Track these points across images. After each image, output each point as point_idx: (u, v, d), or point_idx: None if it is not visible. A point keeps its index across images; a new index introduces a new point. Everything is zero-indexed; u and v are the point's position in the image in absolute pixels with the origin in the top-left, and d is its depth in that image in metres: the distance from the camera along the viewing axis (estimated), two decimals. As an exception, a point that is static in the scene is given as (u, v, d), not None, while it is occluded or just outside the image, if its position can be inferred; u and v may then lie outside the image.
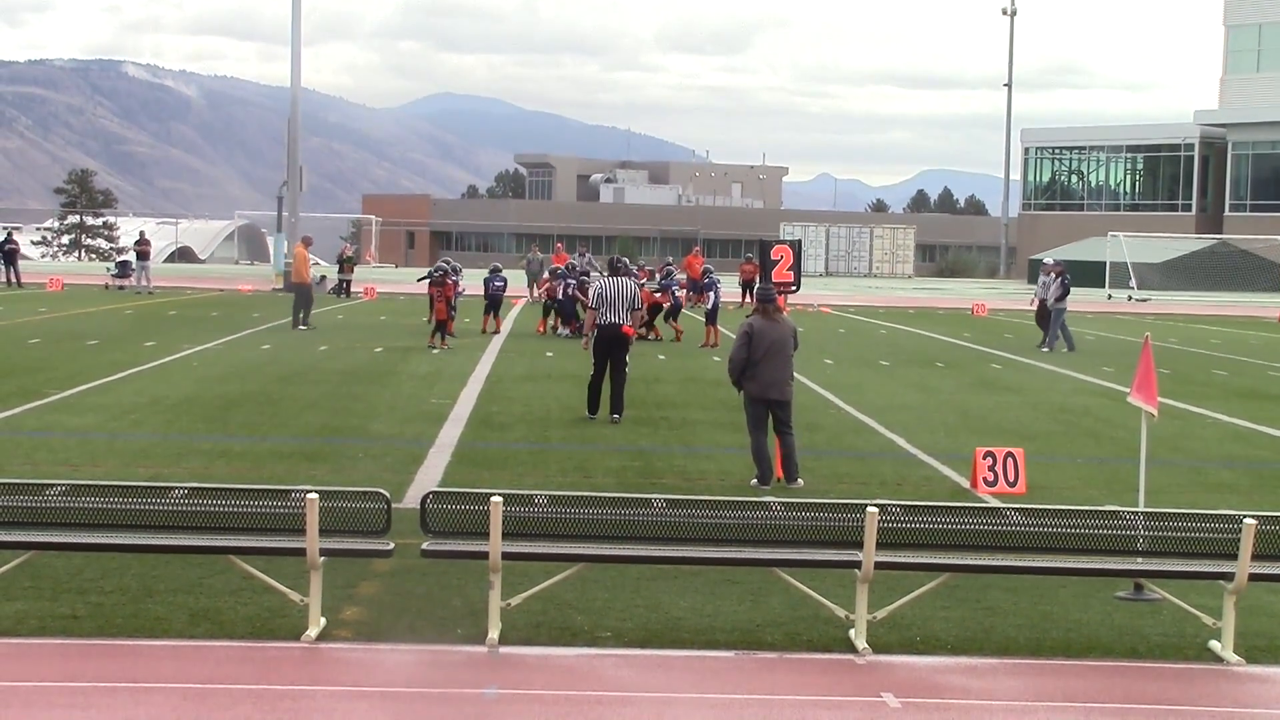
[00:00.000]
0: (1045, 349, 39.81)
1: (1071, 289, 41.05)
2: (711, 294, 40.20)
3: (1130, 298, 79.60)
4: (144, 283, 59.40)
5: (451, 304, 36.94)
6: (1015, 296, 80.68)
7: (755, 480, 17.92)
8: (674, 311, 41.34)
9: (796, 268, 21.12)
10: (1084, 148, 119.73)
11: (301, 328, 40.64)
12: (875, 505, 11.16)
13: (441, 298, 36.36)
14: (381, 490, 11.33)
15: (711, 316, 39.48)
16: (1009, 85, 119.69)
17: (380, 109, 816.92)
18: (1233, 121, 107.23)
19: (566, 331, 40.20)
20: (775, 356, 17.87)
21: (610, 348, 23.25)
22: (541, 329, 41.81)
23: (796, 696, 10.04)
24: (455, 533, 11.19)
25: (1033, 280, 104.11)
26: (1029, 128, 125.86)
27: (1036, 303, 42.29)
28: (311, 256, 43.41)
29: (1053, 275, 40.59)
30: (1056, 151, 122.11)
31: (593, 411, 23.41)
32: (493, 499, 10.91)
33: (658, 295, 40.57)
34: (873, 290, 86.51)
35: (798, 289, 21.78)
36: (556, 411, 24.34)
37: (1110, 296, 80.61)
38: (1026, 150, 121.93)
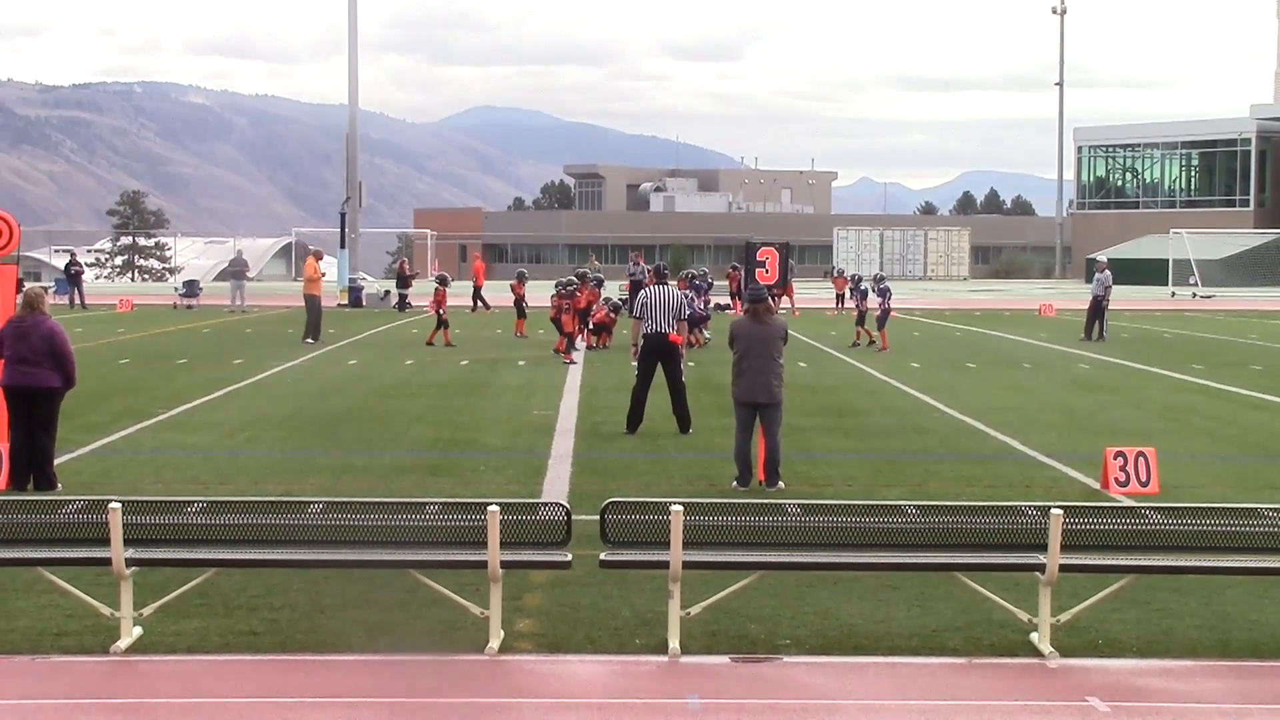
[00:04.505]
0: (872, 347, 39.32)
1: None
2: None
3: (1194, 295, 79.21)
4: (238, 301, 59.52)
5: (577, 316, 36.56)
6: (1077, 296, 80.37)
7: (735, 482, 17.83)
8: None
9: (783, 267, 21.39)
10: (1138, 145, 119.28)
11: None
12: (1058, 507, 11.07)
13: (570, 310, 36.03)
14: (562, 502, 11.30)
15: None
16: (1060, 84, 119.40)
17: (420, 123, 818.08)
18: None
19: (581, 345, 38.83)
20: (758, 357, 17.56)
21: (658, 358, 22.73)
22: (591, 343, 39.39)
23: (1001, 701, 9.95)
24: (633, 543, 11.14)
25: (1088, 280, 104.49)
26: (1081, 126, 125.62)
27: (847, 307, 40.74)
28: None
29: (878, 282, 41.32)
30: (1110, 150, 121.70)
31: (632, 427, 22.70)
32: (673, 508, 10.86)
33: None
34: (931, 293, 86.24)
35: (783, 286, 21.93)
36: (660, 421, 24.21)
37: (1174, 294, 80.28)
38: (1080, 149, 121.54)
